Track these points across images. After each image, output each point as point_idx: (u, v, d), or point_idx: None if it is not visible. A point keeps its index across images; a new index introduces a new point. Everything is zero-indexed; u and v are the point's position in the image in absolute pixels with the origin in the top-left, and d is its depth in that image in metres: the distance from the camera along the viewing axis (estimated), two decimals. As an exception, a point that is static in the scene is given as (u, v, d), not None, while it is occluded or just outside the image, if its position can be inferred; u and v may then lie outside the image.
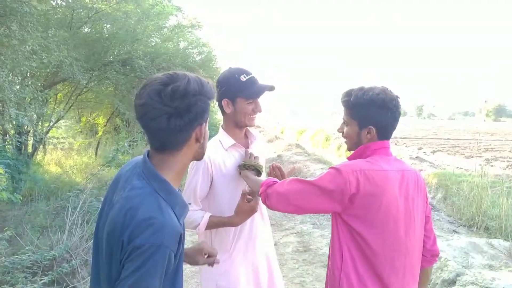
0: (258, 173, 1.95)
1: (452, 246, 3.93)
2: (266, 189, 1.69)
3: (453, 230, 4.70)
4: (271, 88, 2.00)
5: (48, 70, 7.22)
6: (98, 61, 8.00)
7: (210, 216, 1.98)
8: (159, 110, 1.14)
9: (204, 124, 1.27)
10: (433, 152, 18.47)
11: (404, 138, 28.92)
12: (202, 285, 2.09)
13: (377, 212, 1.50)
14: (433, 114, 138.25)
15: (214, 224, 1.99)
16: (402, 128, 46.56)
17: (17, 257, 3.18)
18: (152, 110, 1.15)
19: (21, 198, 4.28)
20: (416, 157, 12.90)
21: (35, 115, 7.22)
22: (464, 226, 5.27)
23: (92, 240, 1.72)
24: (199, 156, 1.34)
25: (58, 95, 10.37)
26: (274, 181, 1.73)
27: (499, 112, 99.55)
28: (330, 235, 1.85)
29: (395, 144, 22.81)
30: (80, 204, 4.21)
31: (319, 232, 5.38)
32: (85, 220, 4.32)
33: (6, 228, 3.69)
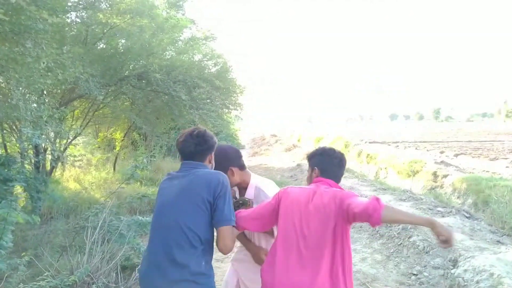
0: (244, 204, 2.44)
1: (503, 260, 3.64)
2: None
3: (497, 241, 4.41)
4: None
5: (63, 87, 7.16)
6: (114, 76, 7.93)
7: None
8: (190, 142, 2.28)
9: (212, 153, 2.35)
10: (456, 155, 17.97)
11: (424, 142, 28.35)
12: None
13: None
14: (450, 116, 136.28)
15: (242, 238, 2.57)
16: (420, 132, 45.82)
17: (35, 284, 3.01)
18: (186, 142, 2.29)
19: (39, 219, 4.13)
20: (441, 162, 12.49)
21: (52, 133, 7.18)
22: (508, 235, 4.95)
23: (152, 220, 2.21)
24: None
25: (75, 112, 10.37)
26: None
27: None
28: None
29: (416, 149, 22.35)
30: (100, 223, 4.04)
31: (351, 247, 4.91)
32: (106, 240, 4.15)
33: (24, 253, 3.53)
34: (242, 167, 2.55)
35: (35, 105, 5.89)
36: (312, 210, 2.09)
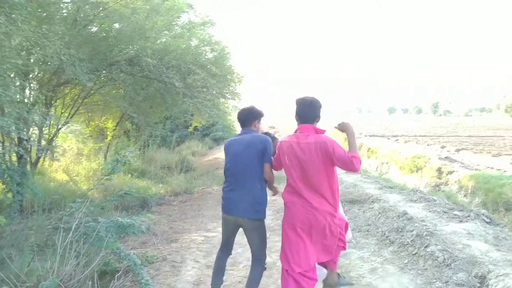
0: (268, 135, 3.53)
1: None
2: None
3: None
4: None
5: (48, 71, 6.65)
6: (103, 61, 7.40)
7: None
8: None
9: (257, 121, 3.50)
10: (458, 150, 17.61)
11: (424, 136, 27.95)
12: None
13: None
14: (449, 111, 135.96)
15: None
16: (419, 126, 45.44)
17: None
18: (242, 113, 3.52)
19: (4, 220, 3.65)
20: (446, 158, 12.04)
21: (37, 121, 6.70)
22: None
23: (228, 166, 3.36)
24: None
25: (66, 99, 9.86)
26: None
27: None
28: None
29: (416, 143, 21.95)
30: (74, 225, 3.54)
31: (357, 254, 4.42)
32: (82, 243, 3.66)
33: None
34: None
35: (13, 88, 5.37)
36: (299, 154, 2.89)
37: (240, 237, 3.50)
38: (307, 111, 2.98)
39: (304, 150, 2.84)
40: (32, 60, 6.45)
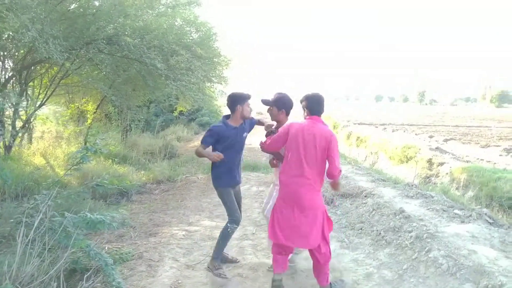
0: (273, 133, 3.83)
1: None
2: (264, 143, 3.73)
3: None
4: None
5: (15, 44, 6.17)
6: (79, 39, 6.89)
7: None
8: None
9: (239, 105, 3.81)
10: (446, 140, 17.53)
11: (411, 125, 27.88)
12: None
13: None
14: (434, 100, 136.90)
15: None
16: (406, 114, 45.46)
17: None
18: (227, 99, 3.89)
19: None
20: (437, 148, 11.83)
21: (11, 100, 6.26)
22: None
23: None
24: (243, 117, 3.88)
25: (44, 80, 9.33)
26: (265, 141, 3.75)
27: (502, 98, 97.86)
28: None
29: (404, 131, 21.84)
30: (37, 220, 3.14)
31: (350, 255, 4.07)
32: (47, 240, 3.26)
33: None
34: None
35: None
36: (307, 137, 3.26)
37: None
38: (316, 104, 3.44)
39: (310, 135, 3.27)
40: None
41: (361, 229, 4.73)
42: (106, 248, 4.45)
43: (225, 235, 3.78)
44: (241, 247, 4.43)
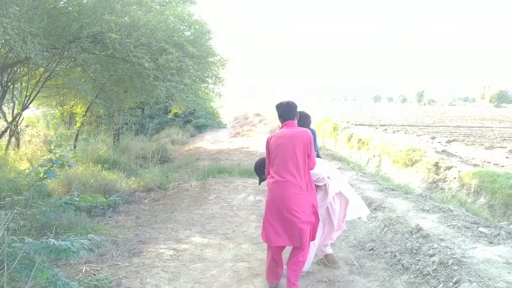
0: None
1: None
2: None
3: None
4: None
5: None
6: (62, 37, 6.39)
7: None
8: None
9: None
10: (449, 142, 17.03)
11: (412, 126, 27.36)
12: None
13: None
14: (433, 100, 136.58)
15: None
16: (405, 115, 44.92)
17: None
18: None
19: None
20: (443, 151, 11.31)
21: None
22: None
23: None
24: None
25: (32, 81, 8.84)
26: None
27: (501, 98, 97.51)
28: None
29: (405, 133, 21.32)
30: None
31: (362, 283, 3.44)
32: (5, 268, 2.73)
33: None
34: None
35: None
36: (286, 142, 3.46)
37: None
38: (287, 111, 3.64)
39: (287, 138, 3.45)
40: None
41: (372, 249, 4.14)
42: (83, 271, 3.93)
43: None
44: (235, 270, 3.88)
